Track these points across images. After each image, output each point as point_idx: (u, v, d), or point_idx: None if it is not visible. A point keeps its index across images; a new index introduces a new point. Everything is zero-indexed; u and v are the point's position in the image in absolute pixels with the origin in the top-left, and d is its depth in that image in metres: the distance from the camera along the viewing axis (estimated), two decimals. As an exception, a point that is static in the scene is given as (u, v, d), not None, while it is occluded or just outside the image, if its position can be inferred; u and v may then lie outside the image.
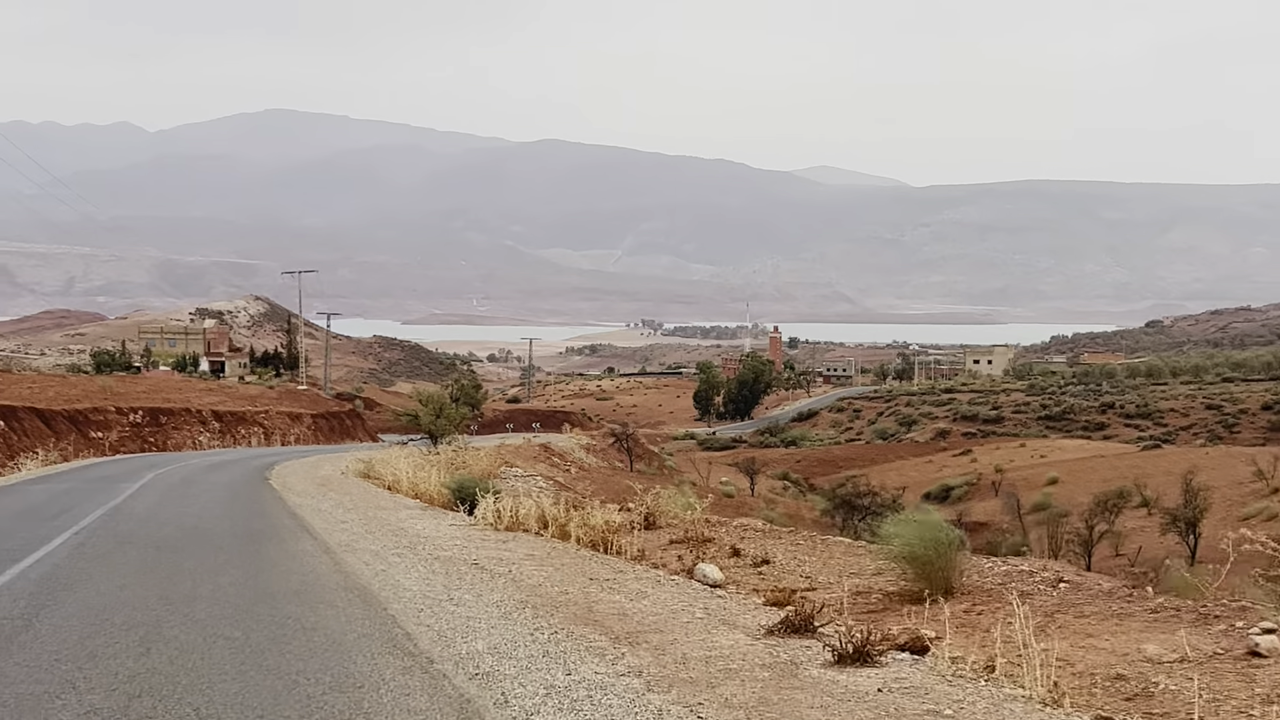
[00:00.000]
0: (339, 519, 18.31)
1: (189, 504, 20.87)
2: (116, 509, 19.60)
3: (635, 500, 19.54)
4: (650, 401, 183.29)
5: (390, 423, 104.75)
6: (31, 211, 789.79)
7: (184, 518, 18.17)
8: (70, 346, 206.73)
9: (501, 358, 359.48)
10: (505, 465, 36.40)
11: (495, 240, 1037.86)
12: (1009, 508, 57.62)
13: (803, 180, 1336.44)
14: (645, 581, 11.86)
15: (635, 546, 14.80)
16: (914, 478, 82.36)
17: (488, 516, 17.42)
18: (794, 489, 79.88)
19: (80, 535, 15.64)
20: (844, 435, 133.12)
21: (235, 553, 13.76)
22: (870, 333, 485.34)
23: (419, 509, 20.56)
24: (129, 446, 53.70)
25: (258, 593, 10.73)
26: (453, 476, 23.85)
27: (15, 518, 18.32)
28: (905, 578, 11.07)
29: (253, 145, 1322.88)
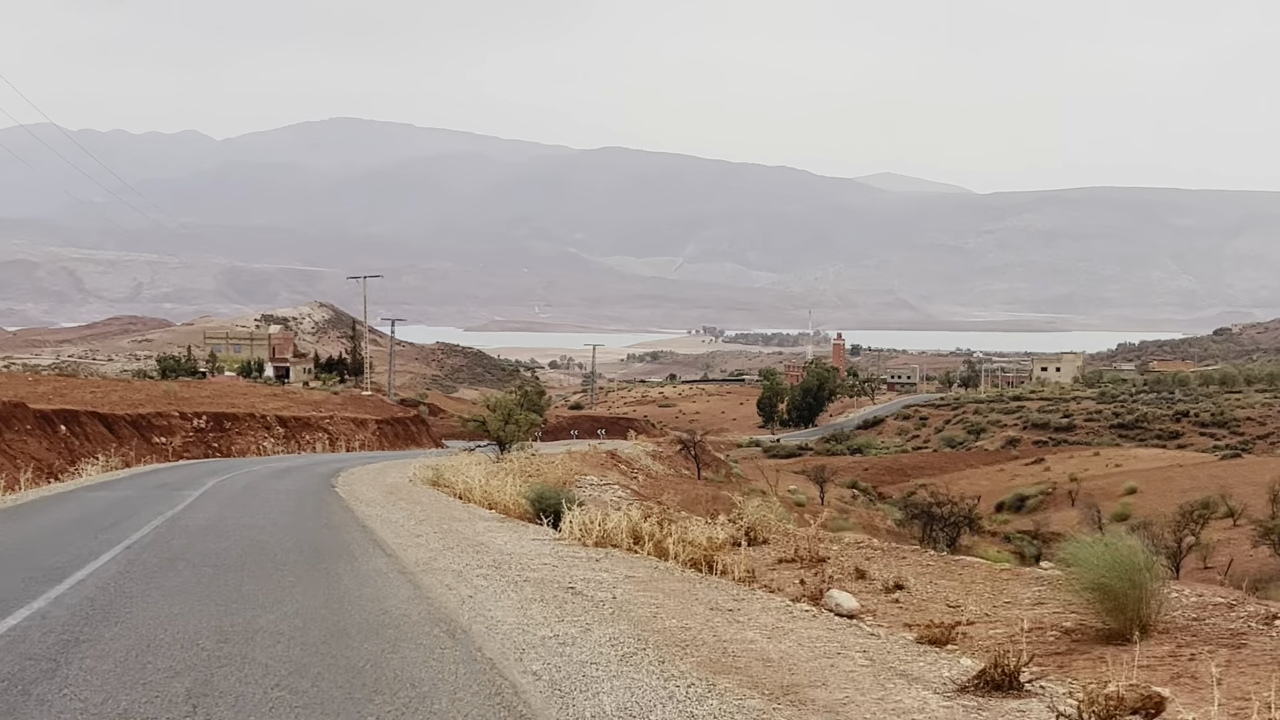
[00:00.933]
0: (412, 532, 16.80)
1: (251, 514, 19.45)
2: (174, 519, 18.22)
3: (725, 512, 17.97)
4: (713, 408, 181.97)
5: (455, 429, 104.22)
6: (101, 219, 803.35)
7: (245, 530, 16.71)
8: (137, 352, 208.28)
9: (563, 364, 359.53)
10: (580, 474, 34.81)
11: (558, 247, 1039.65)
12: (1089, 518, 55.74)
13: (865, 187, 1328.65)
14: (774, 612, 10.19)
15: (742, 566, 13.17)
16: (986, 487, 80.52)
17: (574, 531, 15.87)
18: (863, 498, 78.39)
19: (132, 550, 14.22)
20: (911, 443, 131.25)
21: (301, 573, 12.23)
22: (933, 340, 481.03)
23: (496, 521, 19.03)
24: (192, 452, 52.74)
25: (328, 626, 9.16)
26: (530, 486, 22.29)
27: (66, 528, 17.01)
28: (1090, 611, 9.33)
29: (318, 154, 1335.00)
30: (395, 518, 19.13)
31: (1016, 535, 59.39)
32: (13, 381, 57.72)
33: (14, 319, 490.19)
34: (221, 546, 14.56)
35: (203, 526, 17.18)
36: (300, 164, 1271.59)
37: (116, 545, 14.59)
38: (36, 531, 16.83)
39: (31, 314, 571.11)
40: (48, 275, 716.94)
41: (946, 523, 51.60)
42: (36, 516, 19.41)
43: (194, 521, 17.96)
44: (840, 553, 14.99)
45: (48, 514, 19.82)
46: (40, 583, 11.44)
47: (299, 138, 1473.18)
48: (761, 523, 16.56)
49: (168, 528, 16.96)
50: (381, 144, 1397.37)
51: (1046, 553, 56.97)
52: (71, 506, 21.27)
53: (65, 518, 18.87)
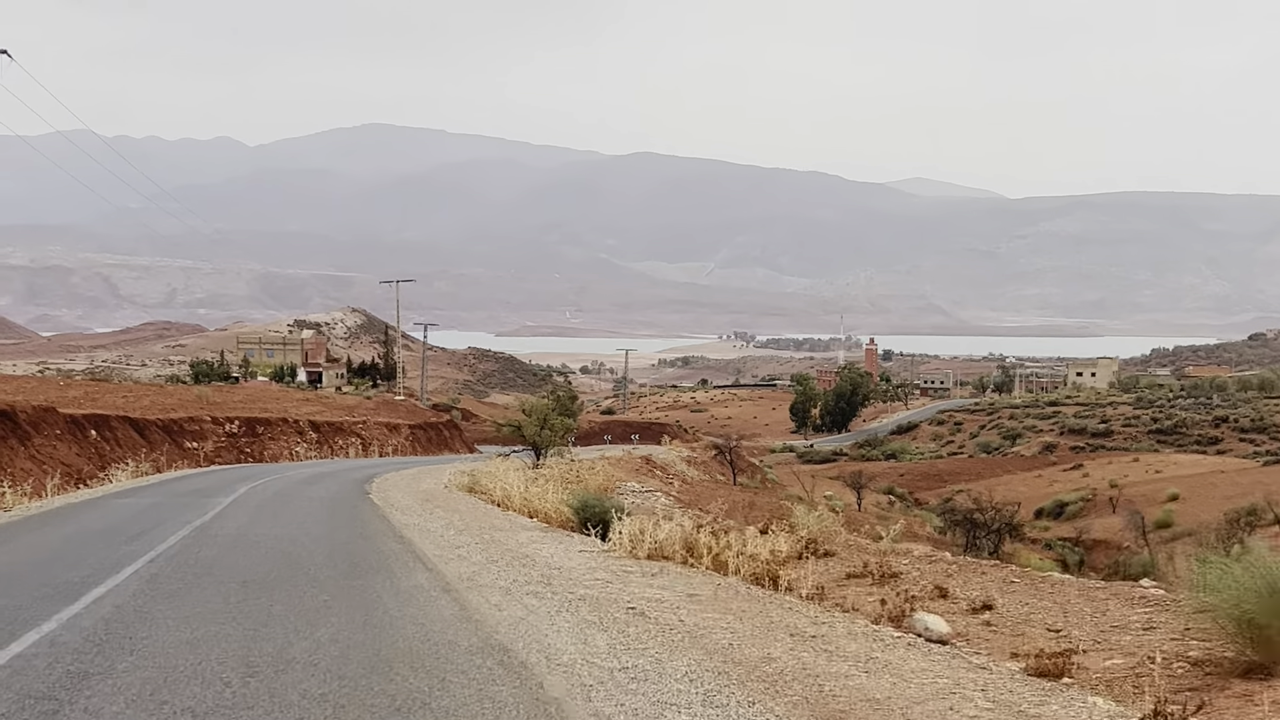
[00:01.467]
0: (453, 543, 15.86)
1: (283, 523, 18.53)
2: (202, 529, 17.31)
3: (772, 520, 16.95)
4: (745, 413, 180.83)
5: (488, 434, 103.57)
6: (135, 225, 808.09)
7: (277, 541, 15.78)
8: (171, 358, 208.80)
9: (594, 370, 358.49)
10: (620, 480, 33.80)
11: (589, 253, 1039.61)
12: (1133, 525, 54.56)
13: (897, 192, 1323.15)
14: (861, 639, 9.15)
15: (810, 582, 12.15)
16: (1023, 493, 79.35)
17: (624, 542, 14.90)
18: (900, 504, 77.42)
19: (156, 564, 13.29)
20: (945, 449, 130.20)
21: (336, 591, 11.26)
22: (965, 345, 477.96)
23: (539, 531, 18.06)
24: (224, 457, 52.06)
25: (367, 656, 8.16)
26: (573, 494, 21.32)
27: (90, 539, 16.13)
28: (1225, 640, 8.24)
29: (350, 160, 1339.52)
30: (433, 527, 18.20)
31: (1058, 542, 58.28)
32: (44, 386, 57.11)
33: (49, 324, 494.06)
34: (251, 560, 13.63)
35: (232, 537, 16.27)
36: (333, 170, 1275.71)
37: (140, 558, 13.68)
38: (58, 542, 15.96)
39: (67, 319, 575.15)
40: (83, 281, 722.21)
41: (989, 530, 50.34)
42: (61, 525, 18.57)
43: (223, 531, 17.06)
44: (911, 566, 13.94)
45: (72, 522, 18.97)
46: (53, 601, 10.53)
47: (332, 144, 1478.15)
48: (824, 534, 15.53)
49: (195, 538, 16.06)
50: (414, 150, 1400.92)
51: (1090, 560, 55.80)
52: (97, 514, 20.42)
53: (90, 527, 18.01)
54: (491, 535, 16.96)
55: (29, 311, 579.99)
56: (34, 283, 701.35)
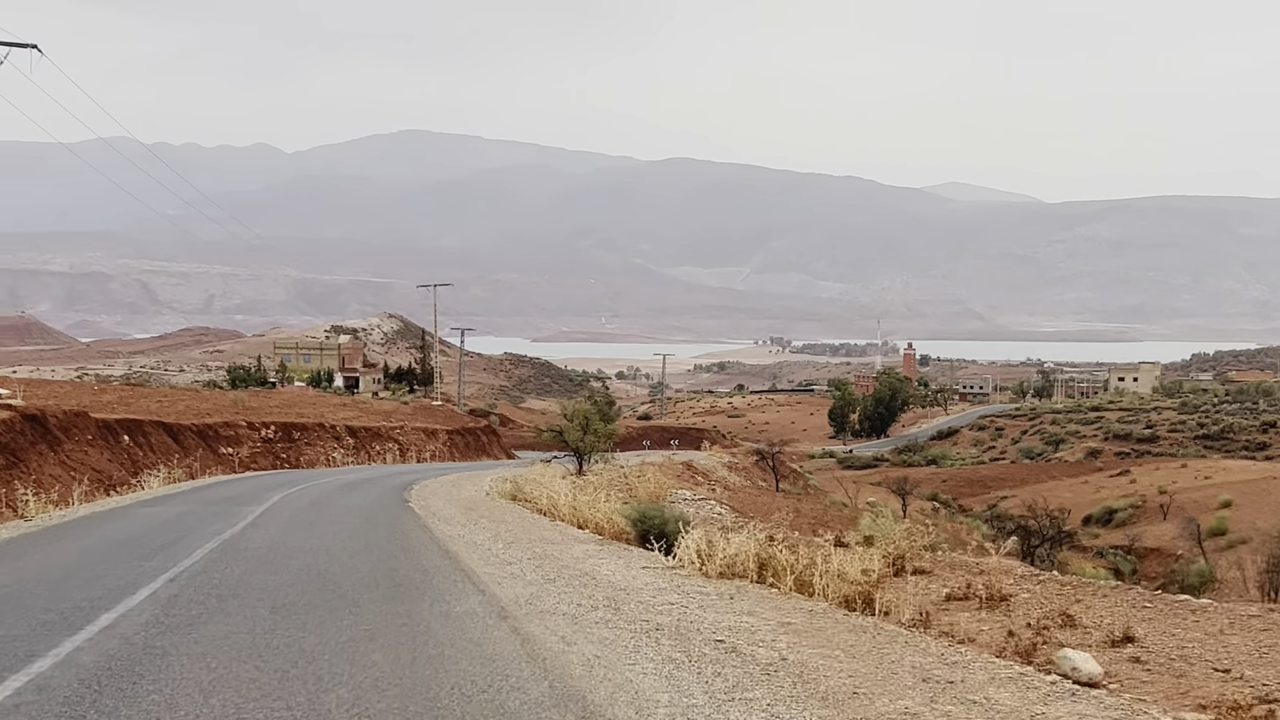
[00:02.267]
0: (502, 558, 14.45)
1: (318, 535, 17.15)
2: (231, 542, 15.93)
3: (829, 529, 15.48)
4: (783, 419, 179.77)
5: (526, 439, 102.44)
6: (174, 232, 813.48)
7: (311, 556, 14.39)
8: (208, 363, 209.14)
9: (630, 375, 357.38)
10: (671, 488, 32.25)
11: (624, 258, 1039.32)
12: (1187, 533, 52.77)
13: (933, 197, 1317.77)
14: (1007, 685, 7.60)
15: (911, 606, 10.66)
16: (1070, 499, 77.81)
17: (691, 557, 13.43)
18: (945, 510, 75.99)
19: (177, 583, 11.89)
20: (987, 454, 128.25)
21: (378, 618, 9.81)
22: (1002, 350, 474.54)
23: (594, 544, 16.63)
24: (260, 463, 50.97)
25: (419, 711, 6.70)
26: (630, 505, 19.85)
27: (108, 553, 14.80)
28: None
29: (387, 166, 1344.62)
30: (480, 539, 16.81)
31: (1110, 550, 56.63)
32: (77, 391, 56.17)
33: (89, 330, 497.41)
34: (281, 579, 12.18)
35: (262, 551, 14.88)
36: (370, 176, 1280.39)
37: (159, 576, 12.29)
38: (74, 556, 14.63)
39: (105, 325, 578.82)
40: (122, 287, 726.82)
41: (1045, 539, 48.71)
42: (81, 536, 17.27)
43: (253, 544, 15.67)
44: (1018, 586, 12.39)
45: (93, 534, 17.67)
46: (55, 630, 9.15)
47: (369, 150, 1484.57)
48: (911, 548, 14.02)
49: (223, 553, 14.68)
50: (450, 156, 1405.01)
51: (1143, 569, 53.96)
52: (122, 525, 19.10)
53: (111, 538, 16.68)
54: (544, 549, 15.54)
55: (68, 317, 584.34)
56: (73, 289, 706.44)
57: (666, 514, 16.47)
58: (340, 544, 15.79)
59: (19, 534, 17.71)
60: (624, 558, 14.79)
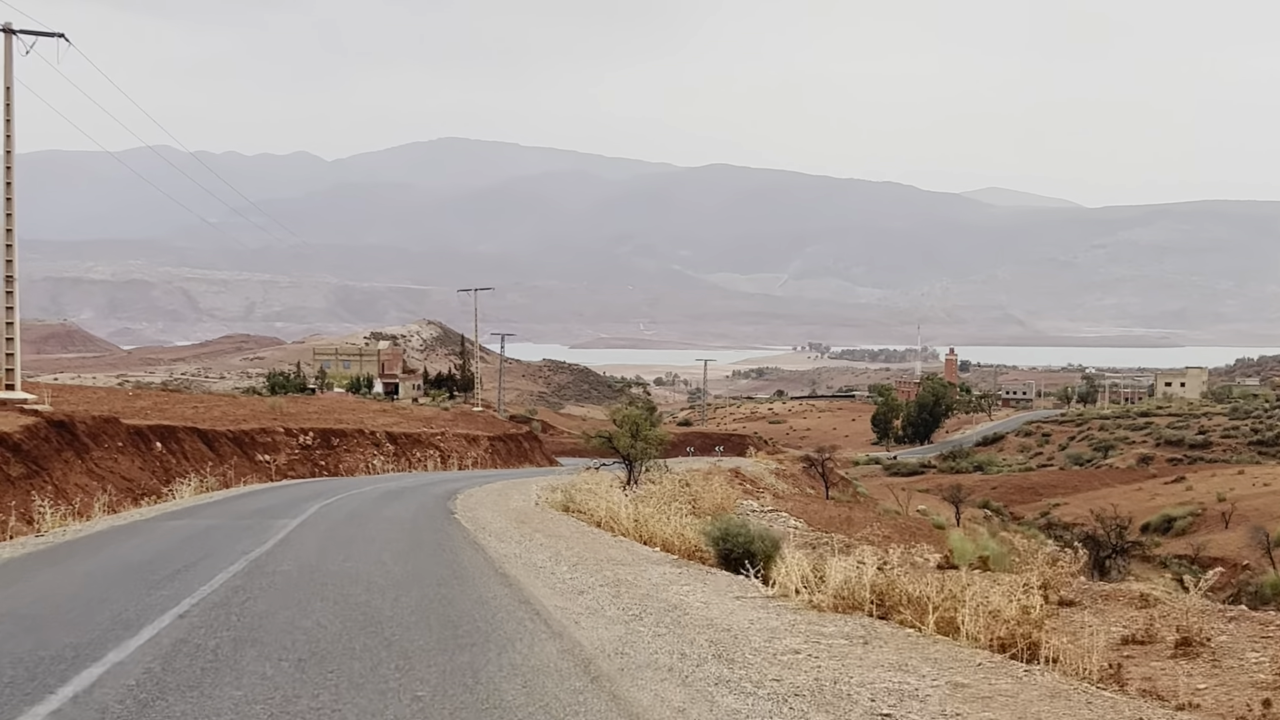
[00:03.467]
0: (571, 584, 12.46)
1: (357, 556, 15.17)
2: (258, 564, 13.97)
3: (935, 549, 13.40)
4: (824, 424, 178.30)
5: (566, 446, 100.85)
6: (215, 239, 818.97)
7: (349, 583, 12.39)
8: (248, 370, 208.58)
9: (669, 381, 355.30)
10: (737, 498, 30.08)
11: (662, 264, 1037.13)
12: (1255, 541, 50.47)
13: (972, 202, 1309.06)
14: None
15: (1096, 656, 8.55)
16: (1124, 507, 75.84)
17: (792, 584, 11.39)
18: (997, 519, 74.05)
19: (188, 620, 9.91)
20: (1034, 460, 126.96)
21: (433, 676, 7.72)
22: (1043, 356, 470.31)
23: (669, 565, 14.61)
24: (298, 470, 49.29)
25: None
26: (701, 518, 17.78)
27: (116, 578, 12.87)
28: None
29: (426, 173, 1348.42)
30: (540, 560, 14.84)
31: (1173, 560, 54.39)
32: (112, 397, 54.76)
33: (130, 338, 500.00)
34: (313, 618, 10.12)
35: (293, 578, 12.88)
36: (409, 183, 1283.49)
37: (168, 611, 10.31)
38: (76, 582, 12.72)
39: (147, 333, 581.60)
40: (163, 295, 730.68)
41: (1115, 550, 46.25)
42: (90, 556, 15.40)
43: (283, 568, 13.68)
44: (1200, 622, 10.22)
45: (106, 552, 15.79)
46: (20, 691, 7.16)
47: (408, 158, 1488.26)
48: (1056, 576, 11.90)
49: (247, 578, 12.71)
50: (489, 163, 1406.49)
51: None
52: (139, 542, 17.21)
53: (124, 559, 14.77)
54: (615, 572, 13.54)
55: (111, 325, 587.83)
56: (115, 297, 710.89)
57: (753, 531, 14.43)
58: (382, 568, 13.80)
59: (23, 553, 15.82)
60: (709, 583, 12.78)
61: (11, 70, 34.95)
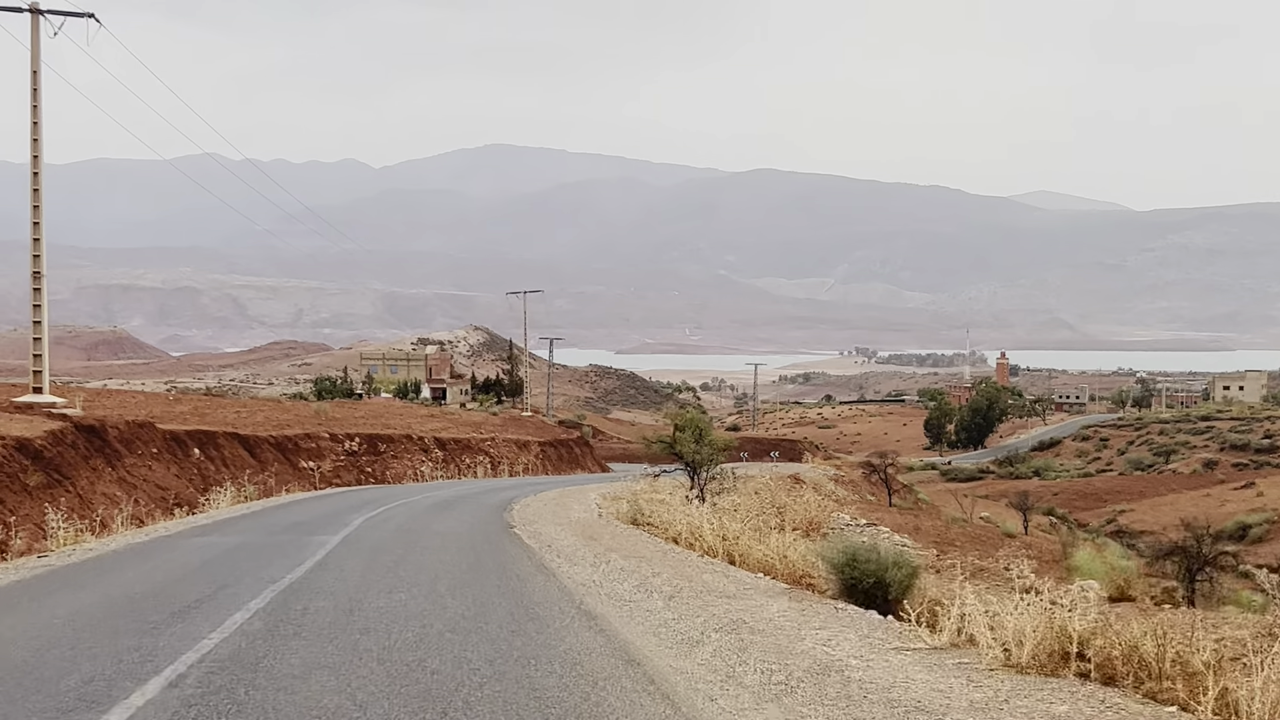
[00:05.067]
0: (677, 629, 9.88)
1: (407, 584, 12.62)
2: (285, 600, 11.41)
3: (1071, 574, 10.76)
4: (875, 429, 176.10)
5: (616, 451, 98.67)
6: (263, 246, 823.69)
7: (398, 629, 9.79)
8: (296, 376, 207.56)
9: (715, 386, 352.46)
10: (831, 509, 27.29)
11: (708, 270, 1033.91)
12: (1342, 550, 47.64)
13: (1020, 205, 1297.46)
14: None
15: None
16: (1192, 513, 73.16)
17: (963, 633, 8.78)
18: (1064, 526, 71.28)
19: (178, 694, 7.29)
20: (1092, 465, 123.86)
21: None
22: (1092, 360, 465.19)
23: (784, 597, 12.01)
24: (343, 477, 47.10)
25: None
26: (806, 536, 15.12)
27: (108, 618, 10.34)
28: None
29: (472, 180, 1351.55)
30: (625, 589, 12.31)
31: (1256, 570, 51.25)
32: (150, 401, 52.67)
33: (180, 344, 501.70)
34: (350, 691, 7.37)
35: (327, 619, 10.26)
36: (456, 190, 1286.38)
37: (159, 673, 7.73)
38: (56, 625, 10.13)
39: (196, 340, 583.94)
40: (212, 302, 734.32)
41: (1206, 562, 43.11)
42: (90, 584, 12.95)
43: (316, 604, 11.09)
44: None
45: (109, 579, 13.33)
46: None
47: (455, 164, 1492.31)
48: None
49: (269, 620, 10.14)
50: (535, 169, 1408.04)
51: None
52: (155, 564, 14.75)
53: (126, 590, 12.28)
54: (724, 608, 10.95)
55: (160, 332, 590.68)
56: (165, 304, 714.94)
57: (885, 556, 11.82)
58: (437, 604, 11.21)
59: (10, 580, 13.35)
60: (848, 625, 10.16)
61: (39, 52, 32.93)
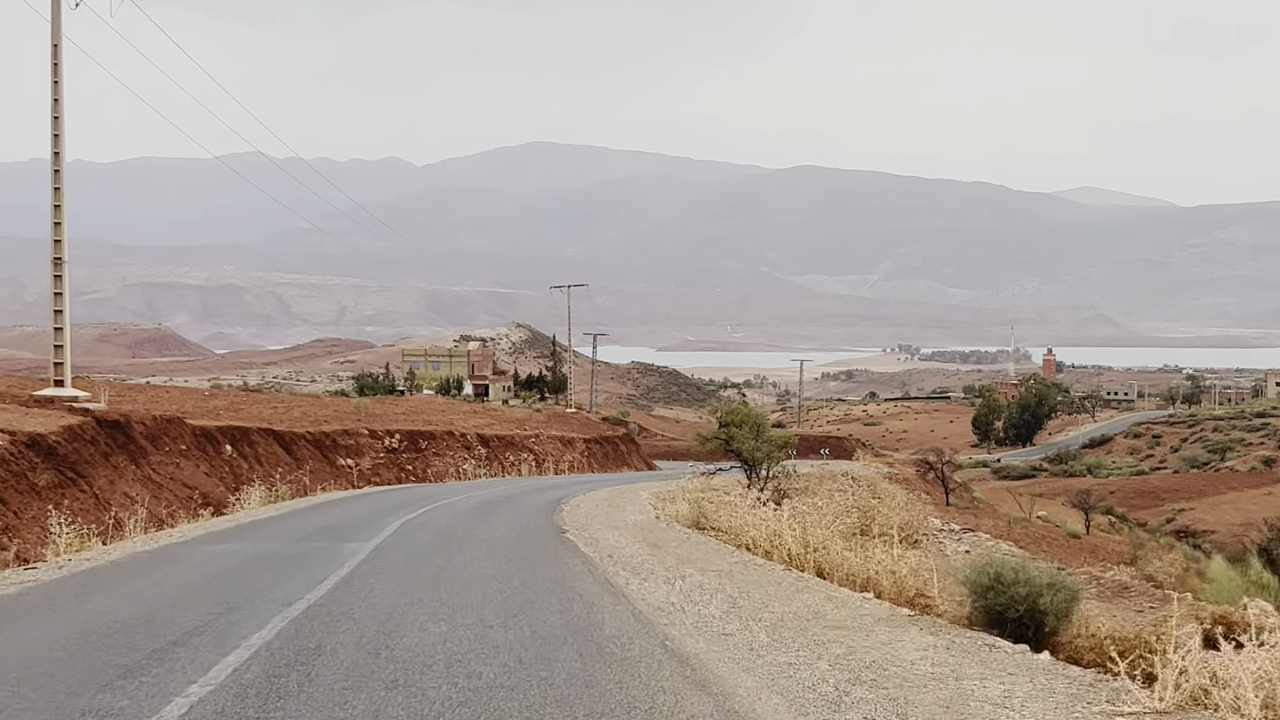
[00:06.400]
0: (798, 677, 7.61)
1: (447, 610, 10.34)
2: (298, 629, 9.14)
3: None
4: (921, 427, 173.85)
5: (661, 448, 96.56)
6: (306, 244, 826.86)
7: (436, 679, 7.42)
8: (339, 373, 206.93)
9: (757, 384, 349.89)
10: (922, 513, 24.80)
11: (750, 267, 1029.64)
12: None
13: (1064, 201, 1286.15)
14: None
15: None
16: (1255, 513, 71.13)
17: (1205, 690, 6.53)
18: (1124, 526, 68.71)
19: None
20: (1145, 463, 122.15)
21: None
22: (1138, 356, 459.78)
23: (907, 625, 9.72)
24: (383, 475, 45.11)
25: None
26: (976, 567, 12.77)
27: (63, 664, 8.11)
28: None
29: (515, 177, 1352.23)
30: (712, 614, 10.07)
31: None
32: (184, 396, 50.91)
33: (224, 342, 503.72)
34: None
35: (345, 662, 7.93)
36: (498, 188, 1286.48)
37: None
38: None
39: (240, 337, 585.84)
40: (256, 300, 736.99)
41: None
42: (63, 609, 10.73)
43: (333, 639, 8.79)
44: None
45: (92, 603, 11.11)
46: None
47: (497, 162, 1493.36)
48: None
49: (268, 667, 7.81)
50: (576, 167, 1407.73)
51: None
52: (146, 584, 12.52)
53: (103, 620, 10.04)
54: (845, 644, 8.68)
55: (205, 329, 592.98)
56: (209, 301, 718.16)
57: (1037, 577, 9.51)
58: (485, 638, 8.91)
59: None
60: (1014, 671, 7.83)
61: (60, 25, 31.04)
